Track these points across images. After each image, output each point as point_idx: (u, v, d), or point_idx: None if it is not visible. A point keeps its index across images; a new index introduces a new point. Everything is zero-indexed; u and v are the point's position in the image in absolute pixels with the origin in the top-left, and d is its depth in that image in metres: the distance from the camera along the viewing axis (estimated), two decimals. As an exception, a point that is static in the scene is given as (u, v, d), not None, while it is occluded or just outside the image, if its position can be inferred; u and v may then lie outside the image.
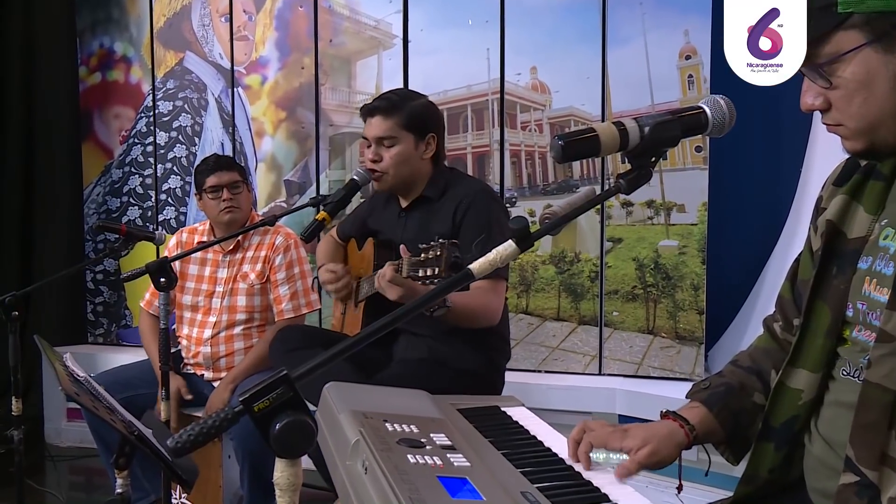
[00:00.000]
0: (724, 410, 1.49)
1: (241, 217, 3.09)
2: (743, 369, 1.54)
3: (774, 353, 1.53)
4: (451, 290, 1.24)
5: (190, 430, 1.00)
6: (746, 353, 1.59)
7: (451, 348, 2.44)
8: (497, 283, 2.37)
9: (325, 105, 4.03)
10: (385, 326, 1.11)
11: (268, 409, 0.98)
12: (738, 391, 1.51)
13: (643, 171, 1.23)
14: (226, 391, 2.96)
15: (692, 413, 1.49)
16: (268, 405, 0.98)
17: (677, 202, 3.46)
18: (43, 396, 4.34)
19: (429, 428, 1.38)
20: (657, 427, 1.46)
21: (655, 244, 3.52)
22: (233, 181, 3.07)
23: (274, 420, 0.98)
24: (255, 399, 0.99)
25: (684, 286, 3.47)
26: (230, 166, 3.12)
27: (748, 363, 1.55)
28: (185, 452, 1.00)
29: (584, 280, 3.63)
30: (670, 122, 1.24)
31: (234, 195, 3.06)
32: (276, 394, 0.99)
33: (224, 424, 1.00)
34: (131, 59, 4.40)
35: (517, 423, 1.66)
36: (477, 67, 3.73)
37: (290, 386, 0.99)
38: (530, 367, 3.69)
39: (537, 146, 3.71)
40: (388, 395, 1.70)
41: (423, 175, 2.50)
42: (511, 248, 1.17)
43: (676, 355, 3.49)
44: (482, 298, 2.33)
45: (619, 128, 1.22)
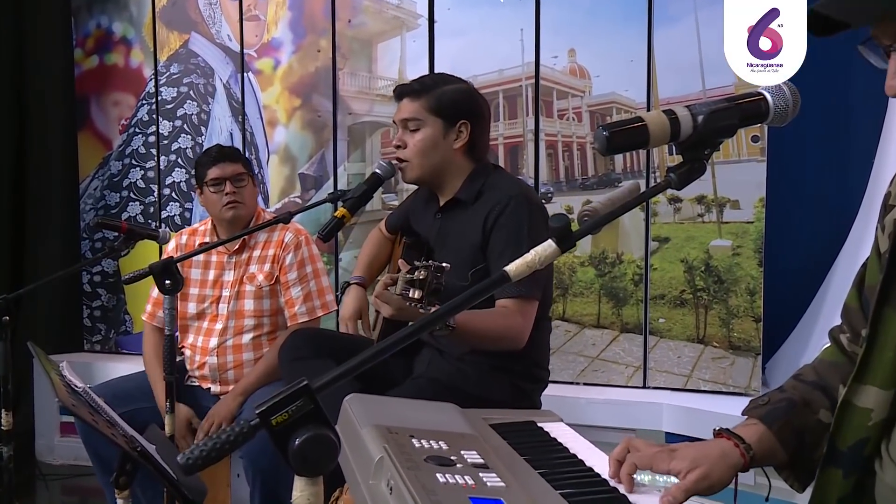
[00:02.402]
0: (786, 429, 1.47)
1: (245, 213, 3.11)
2: (807, 384, 1.53)
3: (843, 367, 1.51)
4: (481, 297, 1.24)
5: (202, 446, 1.01)
6: (811, 366, 1.57)
7: (477, 371, 2.42)
8: (524, 304, 2.31)
9: (343, 91, 4.05)
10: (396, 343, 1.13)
11: (287, 423, 1.00)
12: (801, 408, 1.49)
13: (696, 165, 1.23)
14: (234, 403, 2.98)
15: (749, 431, 1.46)
16: (287, 418, 1.00)
17: (731, 198, 3.45)
18: (34, 409, 4.38)
19: (459, 444, 1.39)
20: (709, 447, 1.44)
21: (706, 244, 3.50)
22: (236, 173, 3.09)
23: (293, 435, 0.99)
24: (272, 411, 1.00)
25: (739, 291, 3.46)
26: (234, 157, 3.13)
27: (813, 378, 1.54)
28: (197, 469, 1.01)
29: (626, 283, 3.63)
30: (727, 111, 1.24)
31: (237, 188, 3.07)
32: (296, 406, 1.00)
33: (239, 439, 1.01)
34: (131, 41, 4.45)
35: (555, 439, 1.66)
36: (509, 50, 3.74)
37: (311, 397, 1.00)
38: (567, 378, 3.69)
39: (575, 136, 3.71)
40: (415, 408, 1.71)
41: (456, 169, 2.48)
42: (551, 249, 1.18)
43: (730, 367, 3.48)
44: (503, 320, 2.28)
45: (670, 116, 1.22)
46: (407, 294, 1.97)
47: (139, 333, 4.37)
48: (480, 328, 2.22)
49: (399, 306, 2.07)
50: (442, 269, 1.93)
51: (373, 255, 2.84)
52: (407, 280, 2.00)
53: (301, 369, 2.45)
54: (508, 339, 2.30)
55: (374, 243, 2.86)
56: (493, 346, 2.33)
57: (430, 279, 1.91)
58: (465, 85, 2.54)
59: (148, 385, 3.07)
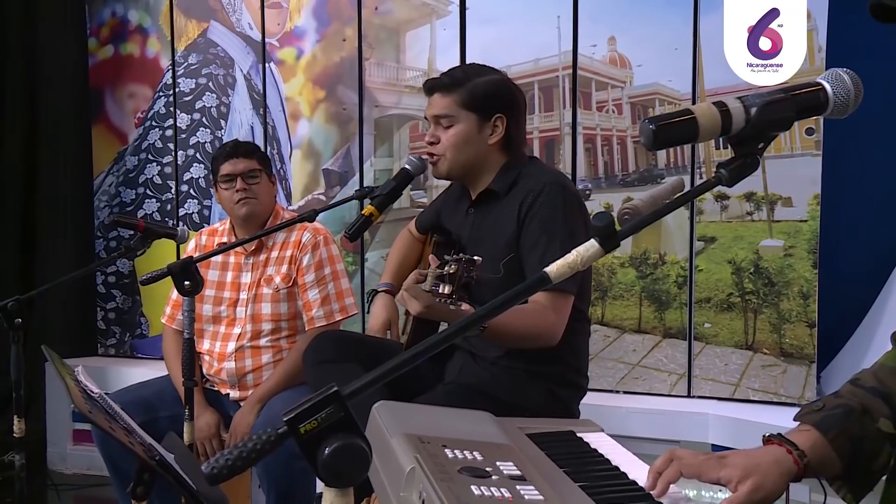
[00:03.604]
0: (842, 437, 1.45)
1: (260, 211, 3.12)
2: (866, 390, 1.52)
3: (907, 372, 1.51)
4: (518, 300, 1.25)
5: (227, 455, 1.02)
6: (870, 371, 1.56)
7: (511, 377, 2.42)
8: (558, 298, 2.30)
9: (369, 83, 4.07)
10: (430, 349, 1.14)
11: (316, 431, 1.01)
12: (859, 415, 1.48)
13: (749, 160, 1.23)
14: (251, 412, 2.99)
15: (802, 438, 1.46)
16: (316, 426, 1.01)
17: (783, 194, 3.43)
18: (46, 416, 4.42)
19: (495, 455, 1.40)
20: (760, 454, 1.43)
21: (756, 244, 3.48)
22: (249, 169, 3.10)
23: (323, 444, 1.01)
24: (301, 419, 1.01)
25: (791, 294, 3.43)
26: (249, 153, 3.15)
27: (872, 383, 1.53)
28: (223, 479, 1.02)
29: (669, 286, 3.61)
30: (782, 102, 1.23)
31: (249, 185, 3.09)
32: (326, 413, 1.01)
33: (267, 448, 1.02)
34: (148, 30, 4.50)
35: (596, 450, 1.67)
36: (545, 38, 3.73)
37: (342, 405, 1.01)
38: (606, 386, 3.68)
39: (615, 130, 3.70)
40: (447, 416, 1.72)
41: (491, 164, 2.48)
42: (593, 249, 1.18)
43: (781, 376, 3.45)
44: (536, 317, 2.27)
45: (721, 109, 1.22)
46: (437, 290, 1.97)
47: (156, 337, 4.43)
48: (512, 326, 2.21)
49: (428, 303, 2.07)
50: (473, 263, 1.93)
51: (401, 258, 2.83)
52: (437, 276, 2.01)
53: (325, 373, 2.46)
54: (541, 336, 2.29)
55: (402, 246, 2.86)
56: (525, 345, 2.33)
57: (460, 273, 1.92)
58: (499, 76, 2.54)
59: (167, 392, 3.09)
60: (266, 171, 3.16)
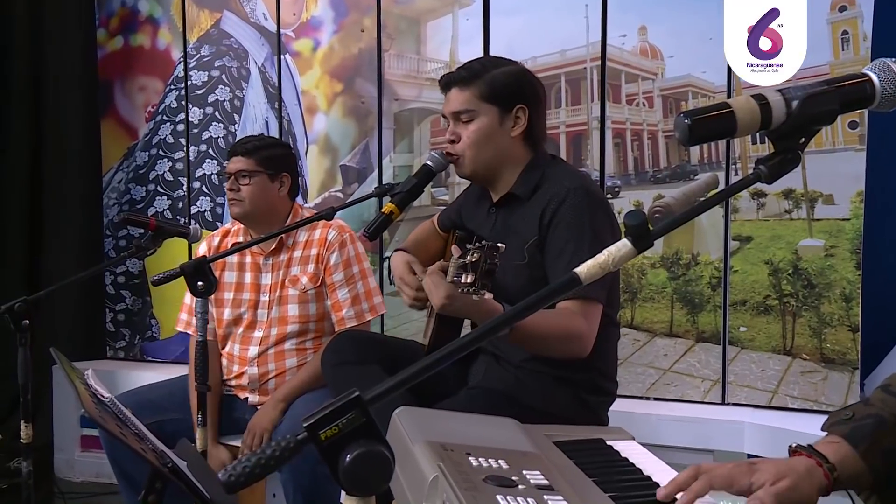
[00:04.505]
0: (874, 449, 1.44)
1: (250, 211, 3.11)
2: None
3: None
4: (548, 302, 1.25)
5: (245, 462, 1.03)
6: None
7: (537, 382, 2.42)
8: (587, 306, 2.29)
9: (388, 75, 4.08)
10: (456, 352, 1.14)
11: (337, 438, 1.01)
12: (891, 426, 1.46)
13: (789, 156, 1.23)
14: (275, 410, 3.02)
15: (831, 450, 1.44)
16: (337, 432, 1.01)
17: (824, 192, 3.41)
18: (53, 422, 4.45)
19: (521, 464, 1.40)
20: (793, 462, 1.42)
21: (795, 244, 3.46)
22: (239, 170, 3.12)
23: (344, 450, 1.01)
24: (321, 425, 1.01)
25: (832, 297, 3.41)
26: (248, 152, 3.14)
27: None
28: (241, 487, 1.03)
29: (703, 287, 3.60)
30: (826, 94, 1.23)
31: (238, 186, 3.11)
32: (347, 419, 1.01)
33: (285, 455, 1.03)
34: (159, 21, 4.53)
35: (626, 459, 1.67)
36: (573, 28, 3.73)
37: (364, 410, 1.02)
38: (636, 392, 3.68)
39: (646, 124, 3.69)
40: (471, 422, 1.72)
41: (515, 160, 2.48)
42: (626, 249, 1.18)
43: (822, 383, 3.43)
44: (567, 321, 2.27)
45: (760, 102, 1.22)
46: (459, 280, 1.98)
47: (166, 339, 4.47)
48: (541, 329, 2.21)
49: (449, 292, 2.08)
50: (496, 249, 1.93)
51: (421, 239, 2.80)
52: (459, 265, 2.01)
53: (344, 375, 2.48)
54: (572, 342, 2.28)
55: (424, 231, 2.84)
56: (555, 352, 2.32)
57: (482, 260, 1.91)
58: (517, 66, 2.55)
59: (176, 394, 3.12)
60: (268, 171, 3.14)
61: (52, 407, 4.44)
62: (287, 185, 3.20)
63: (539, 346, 2.30)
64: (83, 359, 4.43)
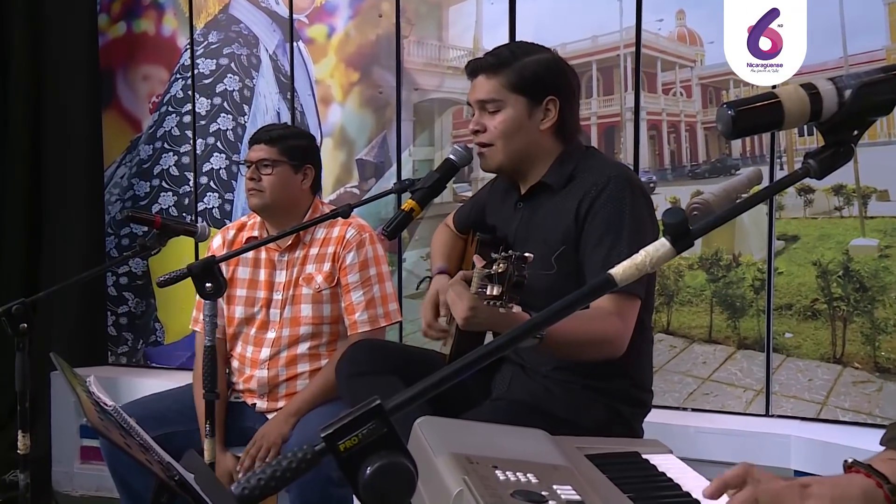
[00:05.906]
0: None
1: (271, 202, 3.12)
2: None
3: None
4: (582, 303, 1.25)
5: (259, 474, 1.03)
6: None
7: (566, 391, 2.42)
8: (624, 303, 2.29)
9: (408, 64, 4.09)
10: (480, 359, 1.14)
11: (357, 449, 1.02)
12: None
13: (842, 149, 1.22)
14: (286, 424, 3.03)
15: (890, 467, 1.43)
16: (357, 443, 1.02)
17: (878, 187, 3.40)
18: (51, 431, 4.47)
19: (551, 478, 1.40)
20: (848, 484, 1.41)
21: (846, 244, 3.45)
22: (260, 158, 3.14)
23: (364, 462, 1.01)
24: (340, 435, 1.02)
25: (887, 301, 3.39)
26: (272, 140, 3.16)
27: None
28: (255, 501, 1.03)
29: (745, 290, 3.59)
30: (883, 83, 1.22)
31: (259, 175, 3.13)
32: (368, 429, 1.02)
33: (303, 467, 1.03)
34: (163, 5, 4.55)
35: (664, 474, 1.67)
36: (605, 12, 3.73)
37: (385, 420, 1.02)
38: (672, 403, 3.67)
39: (684, 115, 3.69)
40: (497, 434, 1.72)
41: (544, 153, 2.48)
42: (664, 249, 1.18)
43: (876, 393, 3.42)
44: (600, 324, 2.26)
45: (810, 91, 1.22)
46: (483, 292, 1.97)
47: (171, 344, 4.48)
48: (573, 335, 2.20)
49: (473, 304, 2.08)
50: (524, 260, 1.91)
51: (449, 245, 2.81)
52: (483, 276, 1.99)
53: (360, 386, 2.49)
54: (606, 343, 2.27)
55: (445, 236, 2.85)
56: (588, 355, 2.32)
57: (510, 271, 1.90)
58: (550, 54, 2.54)
59: (183, 404, 3.13)
60: (291, 161, 3.17)
61: (50, 416, 4.46)
62: (310, 177, 3.22)
63: (571, 352, 2.29)
64: (83, 365, 4.44)
